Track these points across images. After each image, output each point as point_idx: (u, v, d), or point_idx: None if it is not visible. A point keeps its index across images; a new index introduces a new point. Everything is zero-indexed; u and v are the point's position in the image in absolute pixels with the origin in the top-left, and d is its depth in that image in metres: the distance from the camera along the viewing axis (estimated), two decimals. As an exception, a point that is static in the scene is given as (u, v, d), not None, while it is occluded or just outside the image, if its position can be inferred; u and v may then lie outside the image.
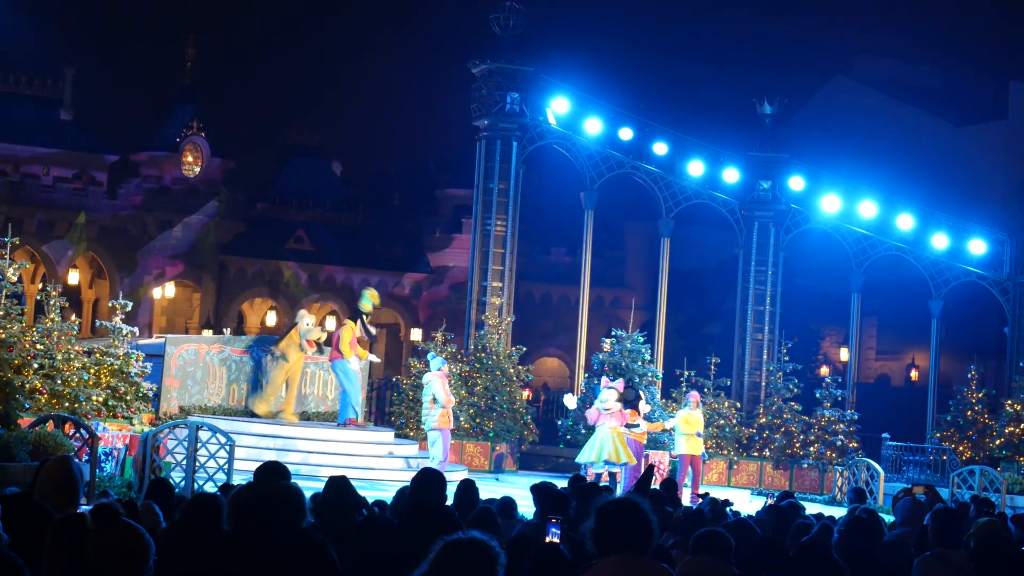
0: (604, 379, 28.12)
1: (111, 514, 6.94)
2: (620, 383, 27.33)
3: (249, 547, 6.92)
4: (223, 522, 8.30)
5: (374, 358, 30.42)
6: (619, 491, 22.19)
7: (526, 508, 12.55)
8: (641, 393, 27.96)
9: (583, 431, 29.33)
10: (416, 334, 56.16)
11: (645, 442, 27.63)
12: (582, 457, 26.54)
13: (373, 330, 29.04)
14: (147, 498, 10.83)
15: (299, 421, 28.76)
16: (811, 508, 20.61)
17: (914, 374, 57.06)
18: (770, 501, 14.89)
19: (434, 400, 26.46)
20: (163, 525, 9.26)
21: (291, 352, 28.24)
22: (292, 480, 8.34)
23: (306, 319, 28.54)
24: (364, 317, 28.53)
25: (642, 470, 23.84)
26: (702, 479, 28.56)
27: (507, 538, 9.45)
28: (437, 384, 26.35)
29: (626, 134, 36.41)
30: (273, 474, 8.98)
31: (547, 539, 8.37)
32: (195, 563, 7.23)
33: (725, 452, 34.46)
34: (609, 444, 26.27)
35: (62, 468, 8.00)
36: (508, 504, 12.14)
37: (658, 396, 33.63)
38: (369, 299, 28.97)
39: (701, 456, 28.28)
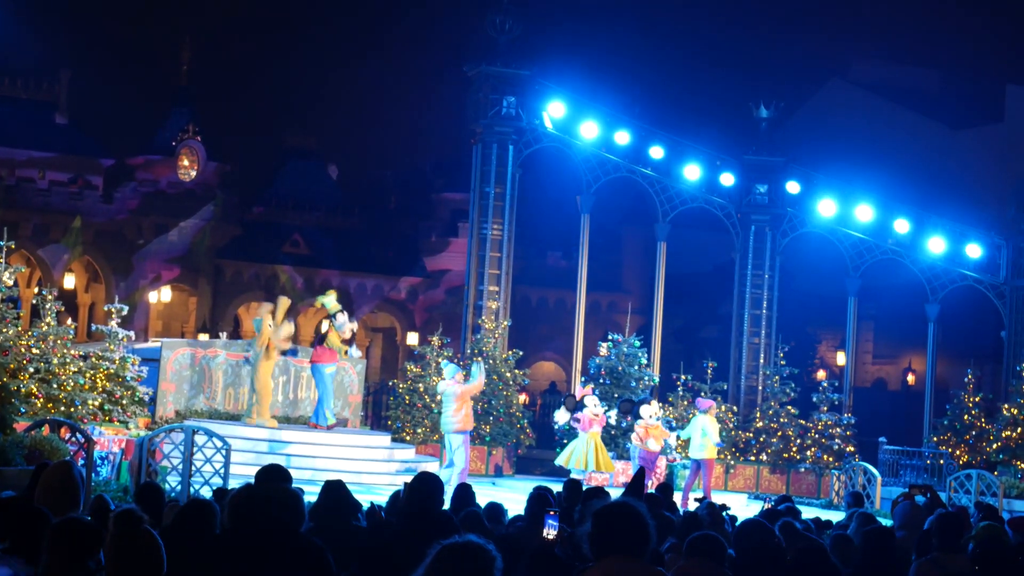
0: (579, 389, 28.23)
1: (133, 520, 6.93)
2: (589, 388, 27.77)
3: (246, 549, 6.90)
4: (216, 527, 8.28)
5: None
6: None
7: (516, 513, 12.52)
8: (643, 405, 27.58)
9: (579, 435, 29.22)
10: (412, 338, 56.10)
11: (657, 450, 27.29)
12: (569, 463, 26.56)
13: (349, 328, 28.62)
14: (136, 502, 10.81)
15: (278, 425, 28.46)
16: (808, 512, 20.59)
17: (911, 378, 57.04)
18: (768, 505, 14.87)
19: (459, 402, 26.11)
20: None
21: (271, 355, 27.82)
22: (292, 483, 8.31)
23: (268, 322, 27.95)
24: (334, 319, 28.27)
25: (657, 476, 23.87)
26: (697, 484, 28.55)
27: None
28: (455, 389, 26.03)
29: (622, 138, 36.39)
30: (273, 477, 8.94)
31: (544, 531, 8.35)
32: (191, 563, 7.21)
33: (722, 456, 34.40)
34: (594, 452, 26.38)
35: (63, 473, 7.98)
36: (495, 510, 12.12)
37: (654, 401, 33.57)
38: (330, 298, 28.71)
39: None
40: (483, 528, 9.94)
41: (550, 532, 8.27)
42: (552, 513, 8.41)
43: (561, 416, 28.05)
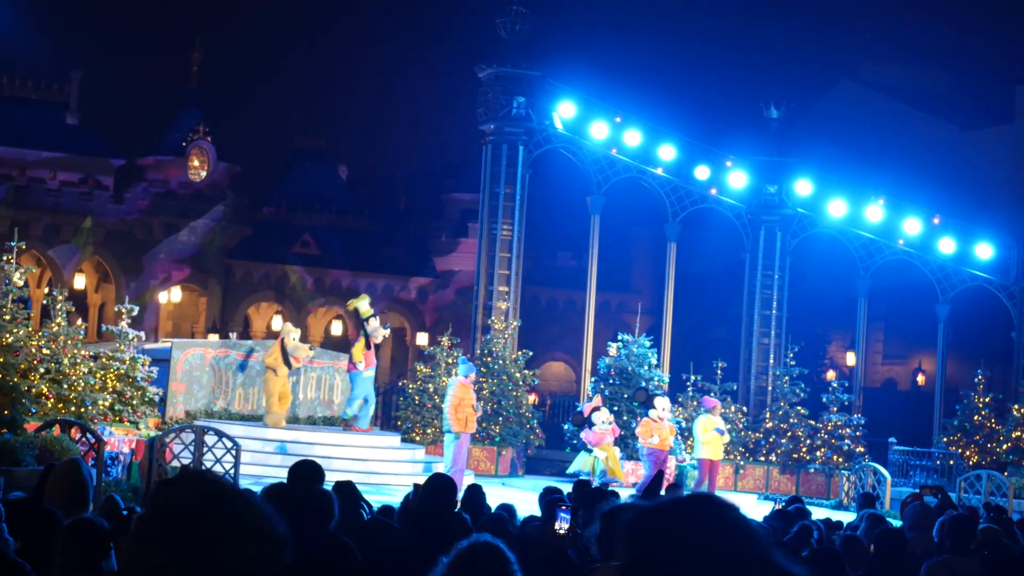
0: (586, 405, 28.08)
1: None
2: (598, 399, 27.72)
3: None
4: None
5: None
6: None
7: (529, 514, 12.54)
8: (658, 397, 27.44)
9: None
10: (422, 338, 56.14)
11: (669, 448, 27.09)
12: (577, 466, 26.59)
13: (381, 334, 28.72)
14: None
15: (286, 425, 28.56)
16: (818, 512, 20.58)
17: (921, 378, 56.98)
18: (778, 506, 14.86)
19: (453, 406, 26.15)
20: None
21: (279, 368, 28.01)
22: (324, 480, 8.37)
23: (292, 334, 28.33)
24: (366, 324, 28.38)
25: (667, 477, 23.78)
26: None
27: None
28: (451, 391, 26.01)
29: (632, 138, 36.36)
30: (307, 476, 8.87)
31: (556, 524, 8.38)
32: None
33: (732, 456, 34.39)
34: (602, 464, 26.37)
35: (72, 472, 7.99)
36: (508, 511, 12.13)
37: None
38: (363, 302, 28.88)
39: (719, 461, 28.32)
40: (506, 531, 9.91)
41: (562, 526, 8.30)
42: (564, 508, 8.44)
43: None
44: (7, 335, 24.24)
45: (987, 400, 34.74)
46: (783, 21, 69.67)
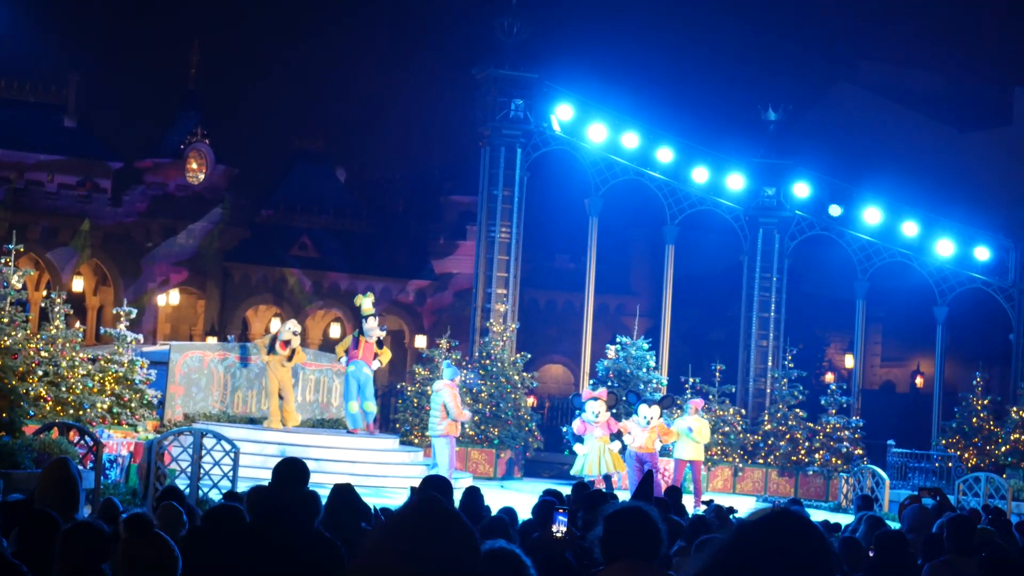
0: (586, 391, 27.93)
1: (144, 524, 6.95)
2: (603, 392, 27.38)
3: (265, 543, 6.96)
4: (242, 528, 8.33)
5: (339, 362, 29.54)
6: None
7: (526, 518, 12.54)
8: (643, 404, 27.26)
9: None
10: (420, 341, 56.10)
11: (657, 449, 26.98)
12: (577, 470, 26.55)
13: (376, 334, 28.70)
14: (159, 503, 10.82)
15: (299, 423, 28.70)
16: (816, 515, 20.56)
17: (919, 381, 56.98)
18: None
19: (445, 409, 26.26)
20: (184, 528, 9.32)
21: (264, 356, 28.19)
22: (309, 476, 8.38)
23: (286, 325, 28.64)
24: (364, 321, 28.45)
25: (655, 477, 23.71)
26: (705, 486, 28.53)
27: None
28: (447, 394, 26.10)
29: (631, 141, 36.36)
30: (291, 478, 8.84)
31: (553, 527, 8.37)
32: (216, 559, 7.26)
33: (730, 459, 34.39)
34: (598, 456, 26.29)
35: (60, 471, 7.97)
36: (511, 515, 12.12)
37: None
38: (367, 300, 29.00)
39: (700, 463, 28.31)
40: (508, 534, 9.90)
41: (560, 529, 8.29)
42: (561, 511, 8.43)
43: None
44: (5, 338, 24.21)
45: (985, 402, 34.73)
46: (781, 24, 69.64)
